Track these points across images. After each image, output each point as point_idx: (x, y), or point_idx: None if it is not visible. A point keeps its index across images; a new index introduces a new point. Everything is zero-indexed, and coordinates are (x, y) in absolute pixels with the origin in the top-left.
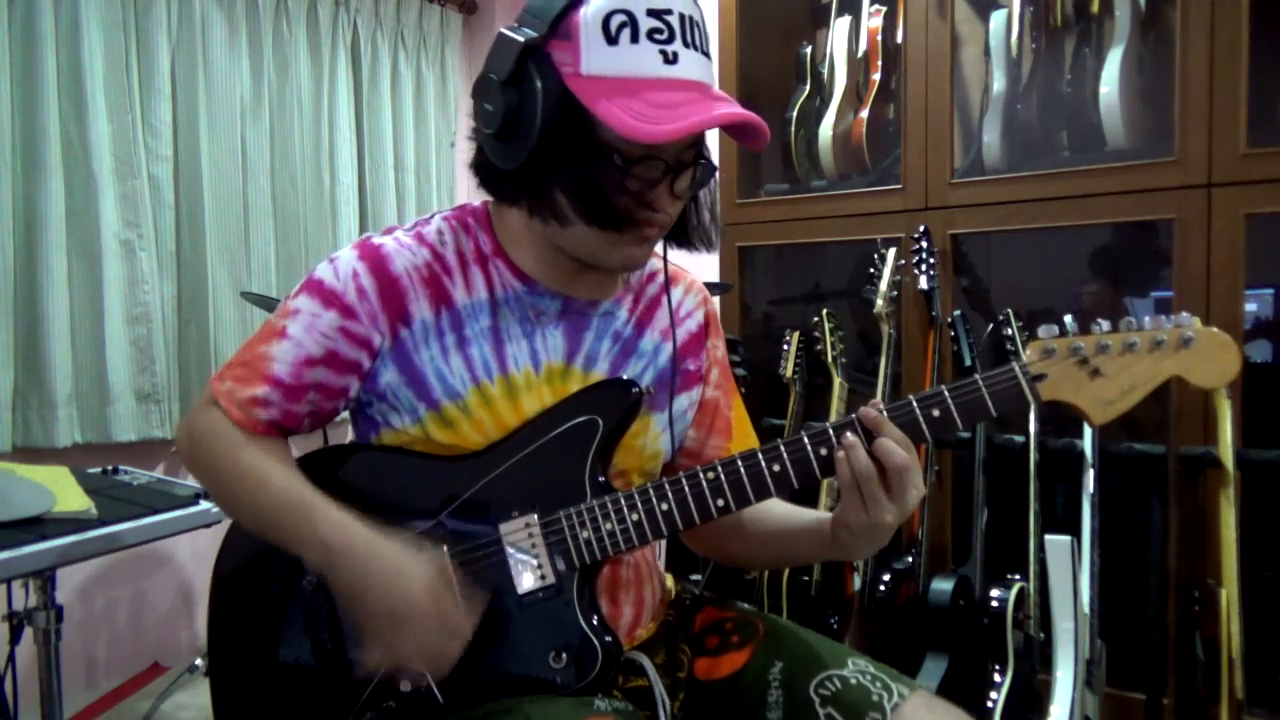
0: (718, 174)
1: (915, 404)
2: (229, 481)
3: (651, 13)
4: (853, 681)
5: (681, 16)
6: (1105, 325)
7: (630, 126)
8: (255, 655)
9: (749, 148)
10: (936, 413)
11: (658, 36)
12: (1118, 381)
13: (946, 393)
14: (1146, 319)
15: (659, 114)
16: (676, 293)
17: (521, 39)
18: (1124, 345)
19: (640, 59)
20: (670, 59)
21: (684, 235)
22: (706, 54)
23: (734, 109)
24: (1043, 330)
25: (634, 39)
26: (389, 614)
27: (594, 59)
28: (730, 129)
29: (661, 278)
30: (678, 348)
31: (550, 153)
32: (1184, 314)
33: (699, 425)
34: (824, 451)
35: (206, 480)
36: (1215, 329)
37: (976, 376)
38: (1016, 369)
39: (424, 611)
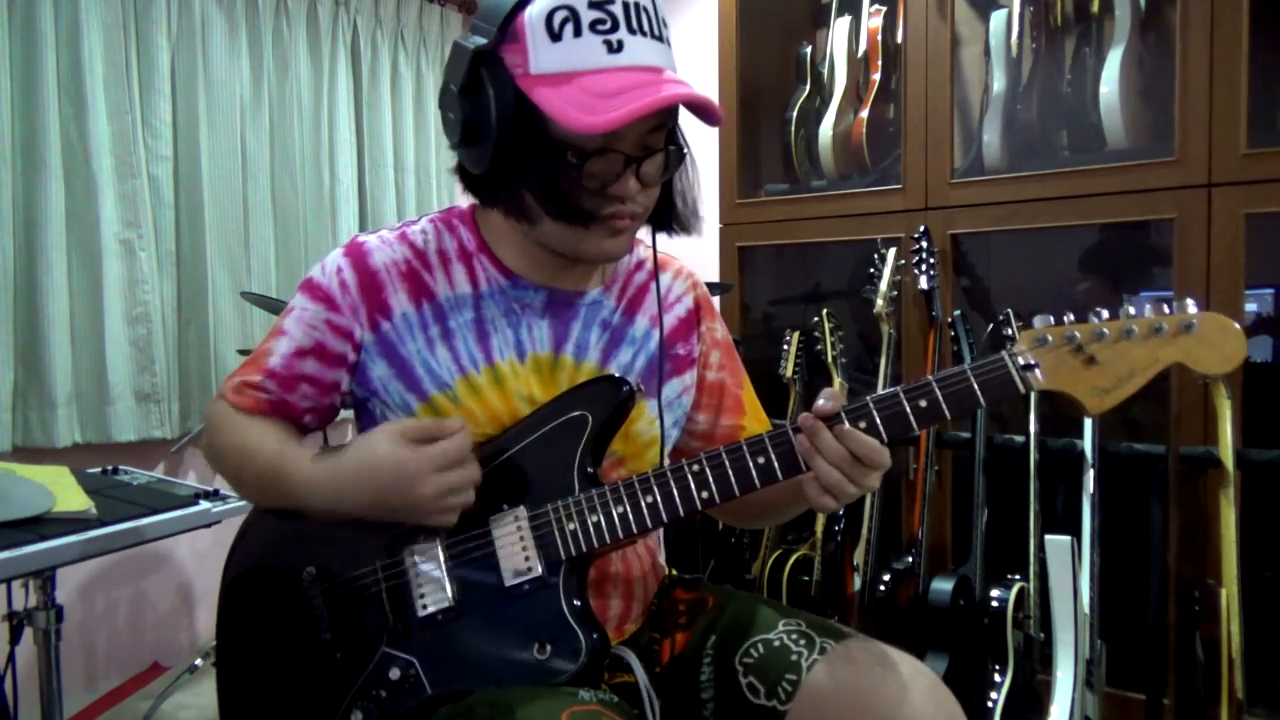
0: (693, 158)
1: (903, 396)
2: (231, 459)
3: (593, 4)
4: (776, 644)
5: (625, 5)
6: (1104, 314)
7: (572, 118)
8: (258, 648)
9: (708, 124)
10: (924, 403)
11: (600, 27)
12: (1114, 369)
13: (934, 383)
14: (1147, 307)
15: (599, 103)
16: (665, 279)
17: (472, 46)
18: (1121, 332)
19: (584, 52)
20: (615, 48)
21: (663, 221)
22: (659, 37)
23: (678, 90)
24: (1038, 320)
25: (576, 33)
26: (389, 484)
27: (540, 57)
28: (686, 108)
29: (650, 265)
30: (667, 333)
31: (510, 155)
32: (1186, 300)
33: (706, 408)
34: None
35: (217, 464)
36: (1217, 313)
37: (965, 366)
38: (1006, 357)
39: (403, 459)
